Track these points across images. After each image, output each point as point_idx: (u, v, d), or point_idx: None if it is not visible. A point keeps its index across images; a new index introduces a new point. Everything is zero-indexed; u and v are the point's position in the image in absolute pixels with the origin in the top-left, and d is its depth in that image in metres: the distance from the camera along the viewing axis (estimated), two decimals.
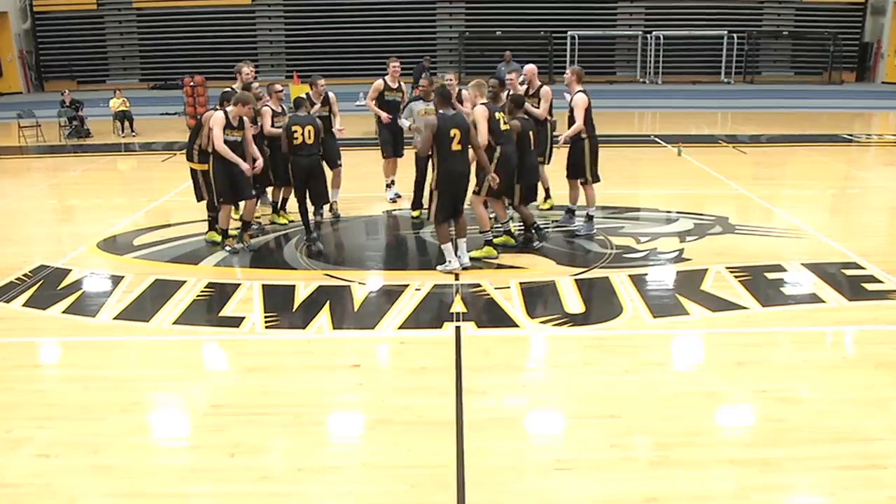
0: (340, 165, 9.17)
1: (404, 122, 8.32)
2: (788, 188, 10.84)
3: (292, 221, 8.79)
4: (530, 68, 8.74)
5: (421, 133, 7.49)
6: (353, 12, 26.46)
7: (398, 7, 26.62)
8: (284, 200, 8.83)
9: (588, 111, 7.87)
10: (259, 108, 8.15)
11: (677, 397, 4.60)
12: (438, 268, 6.99)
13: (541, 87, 8.54)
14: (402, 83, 9.52)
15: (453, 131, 6.66)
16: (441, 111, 6.79)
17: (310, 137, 7.72)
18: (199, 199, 8.10)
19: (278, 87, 8.71)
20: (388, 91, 9.31)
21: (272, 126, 8.25)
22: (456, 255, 6.98)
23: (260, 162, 7.71)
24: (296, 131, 7.68)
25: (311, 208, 8.07)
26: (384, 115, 9.15)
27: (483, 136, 7.01)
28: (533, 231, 7.69)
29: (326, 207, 8.61)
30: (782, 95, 23.46)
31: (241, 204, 7.81)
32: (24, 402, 4.62)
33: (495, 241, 7.49)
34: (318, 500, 3.67)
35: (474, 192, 7.30)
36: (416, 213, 8.92)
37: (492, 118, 7.14)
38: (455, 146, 6.68)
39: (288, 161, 7.89)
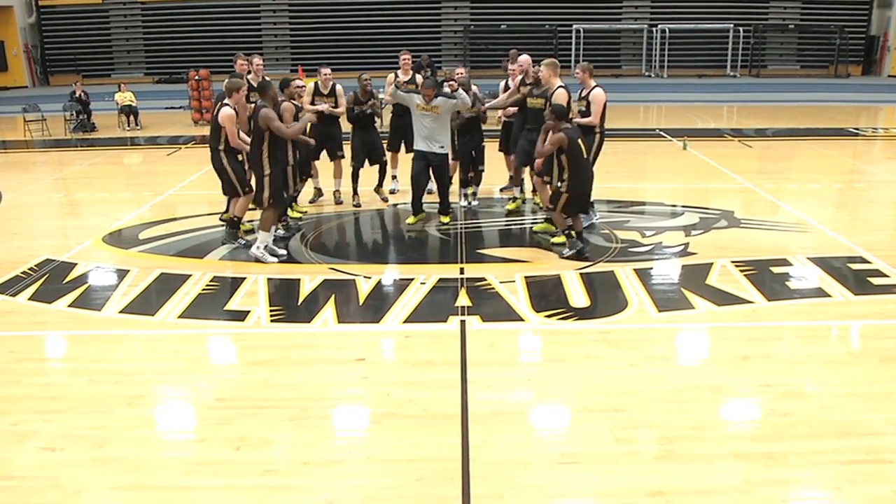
0: (342, 157, 9.27)
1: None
2: (794, 182, 10.80)
3: (305, 213, 8.97)
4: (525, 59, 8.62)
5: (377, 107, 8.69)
6: (358, 6, 26.45)
7: (403, 1, 26.58)
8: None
9: (605, 107, 7.81)
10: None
11: (682, 391, 4.59)
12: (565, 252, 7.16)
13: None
14: (414, 75, 9.59)
15: (579, 141, 6.97)
16: (564, 127, 6.94)
17: None
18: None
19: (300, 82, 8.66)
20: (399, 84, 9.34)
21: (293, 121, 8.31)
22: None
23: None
24: None
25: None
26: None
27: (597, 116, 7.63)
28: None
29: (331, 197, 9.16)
30: (788, 89, 23.38)
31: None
32: (30, 396, 4.64)
33: (536, 227, 8.10)
34: (323, 494, 3.67)
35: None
36: (411, 221, 8.47)
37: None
38: (584, 153, 7.04)
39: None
